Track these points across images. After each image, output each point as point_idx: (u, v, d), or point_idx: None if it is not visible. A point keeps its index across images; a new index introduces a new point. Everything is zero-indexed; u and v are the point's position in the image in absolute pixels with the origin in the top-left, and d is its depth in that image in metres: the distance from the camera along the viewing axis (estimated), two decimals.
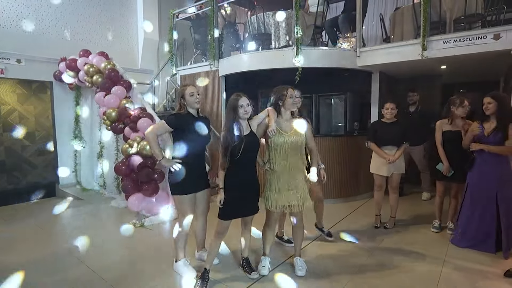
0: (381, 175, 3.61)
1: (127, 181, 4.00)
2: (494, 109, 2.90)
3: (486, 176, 2.98)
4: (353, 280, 2.55)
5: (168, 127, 2.49)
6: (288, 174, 2.47)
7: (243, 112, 2.34)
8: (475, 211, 3.07)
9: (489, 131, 2.93)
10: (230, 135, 2.30)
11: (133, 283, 2.54)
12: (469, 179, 3.13)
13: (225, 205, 2.37)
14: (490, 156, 2.94)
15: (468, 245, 3.10)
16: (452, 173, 3.33)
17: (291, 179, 2.48)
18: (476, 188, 3.05)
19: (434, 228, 3.60)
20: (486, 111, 2.95)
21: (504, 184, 2.92)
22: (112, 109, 4.37)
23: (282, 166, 2.47)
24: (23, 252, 3.14)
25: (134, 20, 6.70)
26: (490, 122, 2.96)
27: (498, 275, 2.59)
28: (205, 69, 5.62)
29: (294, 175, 2.49)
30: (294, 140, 2.45)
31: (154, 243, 3.39)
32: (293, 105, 2.64)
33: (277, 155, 2.47)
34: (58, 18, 5.57)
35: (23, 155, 5.38)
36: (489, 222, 2.99)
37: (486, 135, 2.95)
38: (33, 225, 4.05)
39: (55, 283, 2.57)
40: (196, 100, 2.53)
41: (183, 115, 2.53)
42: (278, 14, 4.88)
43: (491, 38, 3.60)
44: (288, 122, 2.51)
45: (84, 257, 3.03)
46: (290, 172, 2.47)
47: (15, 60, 5.10)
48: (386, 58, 4.43)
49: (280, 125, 2.48)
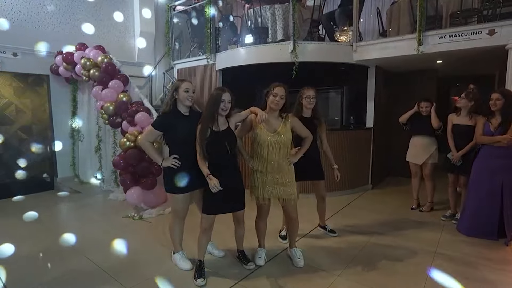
0: (415, 163, 4.06)
1: (125, 174, 4.03)
2: (501, 106, 3.03)
3: (493, 168, 3.12)
4: (346, 271, 2.62)
5: (157, 131, 2.45)
6: (273, 171, 2.49)
7: (222, 107, 2.33)
8: (481, 201, 3.21)
9: (495, 126, 3.09)
10: (205, 128, 2.31)
11: (133, 274, 2.60)
12: (475, 169, 3.27)
13: (207, 200, 2.40)
14: (496, 148, 3.08)
15: (473, 233, 3.24)
16: (461, 162, 3.53)
17: (277, 175, 2.50)
18: (482, 179, 3.19)
19: (444, 217, 3.79)
20: (492, 107, 3.08)
21: (509, 173, 3.05)
22: (109, 103, 4.38)
23: (267, 163, 2.48)
24: (23, 245, 3.18)
25: (130, 12, 6.65)
26: (496, 117, 3.11)
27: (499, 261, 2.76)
28: (202, 62, 5.62)
29: (280, 172, 2.50)
30: (280, 139, 2.44)
31: (152, 235, 3.45)
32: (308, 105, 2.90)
33: (263, 151, 2.47)
34: (54, 11, 5.52)
35: (21, 148, 5.39)
36: (494, 211, 3.14)
37: (493, 131, 3.10)
38: (32, 218, 4.08)
39: (56, 275, 2.63)
40: (188, 97, 2.44)
41: (170, 115, 2.47)
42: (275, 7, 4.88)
43: (486, 34, 3.64)
44: (275, 120, 2.50)
45: (84, 249, 3.08)
46: (275, 169, 2.49)
47: (11, 54, 5.07)
48: (382, 52, 4.45)
49: (266, 122, 2.45)
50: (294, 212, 2.66)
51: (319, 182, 3.16)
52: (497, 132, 3.08)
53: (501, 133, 3.05)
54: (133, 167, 4.03)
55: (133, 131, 4.10)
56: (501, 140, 3.03)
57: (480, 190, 3.22)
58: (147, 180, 4.02)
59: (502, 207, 3.12)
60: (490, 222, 3.17)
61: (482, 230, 3.21)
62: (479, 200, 3.24)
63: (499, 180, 3.11)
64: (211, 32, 5.31)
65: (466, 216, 3.36)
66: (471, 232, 3.28)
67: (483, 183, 3.20)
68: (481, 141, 3.23)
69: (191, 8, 5.94)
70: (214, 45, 5.35)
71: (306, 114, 3.01)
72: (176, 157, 2.45)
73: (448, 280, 2.45)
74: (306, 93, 2.96)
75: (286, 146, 2.50)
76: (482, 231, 3.21)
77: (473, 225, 3.28)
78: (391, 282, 2.44)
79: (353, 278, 2.50)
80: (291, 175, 2.57)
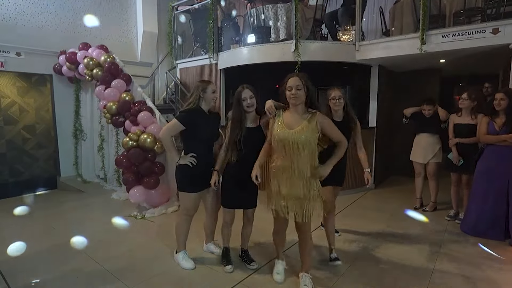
0: (419, 162, 4.03)
1: (128, 174, 4.04)
2: (505, 105, 3.03)
3: (498, 167, 3.11)
4: (349, 270, 2.62)
5: (181, 125, 2.45)
6: (288, 176, 2.13)
7: (246, 104, 2.39)
8: (486, 201, 3.19)
9: (500, 125, 3.08)
10: (235, 126, 2.38)
11: (136, 273, 2.61)
12: (479, 169, 3.26)
13: (224, 192, 2.53)
14: (501, 148, 3.07)
15: (477, 234, 3.23)
16: (462, 162, 3.53)
17: (292, 182, 2.12)
18: (488, 179, 3.18)
19: (449, 217, 3.78)
20: (497, 107, 3.08)
21: None
22: (112, 102, 4.40)
23: (281, 164, 2.15)
24: (27, 243, 3.19)
25: (133, 12, 6.66)
26: (500, 117, 3.10)
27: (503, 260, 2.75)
28: (204, 62, 5.63)
29: (297, 178, 2.11)
30: (297, 137, 2.05)
31: (155, 234, 3.46)
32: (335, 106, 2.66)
33: (278, 150, 2.16)
34: (57, 11, 5.55)
35: (24, 148, 5.42)
36: (500, 212, 3.12)
37: (497, 130, 3.09)
38: (36, 217, 4.12)
39: (59, 273, 2.64)
40: (214, 97, 2.54)
41: (194, 111, 2.48)
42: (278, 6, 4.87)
43: (490, 33, 3.61)
44: (299, 117, 2.13)
45: (86, 248, 3.10)
46: (291, 174, 2.11)
47: (15, 53, 5.10)
48: (385, 52, 4.44)
49: (287, 118, 2.16)
50: (307, 230, 2.27)
51: (336, 188, 2.81)
52: (502, 131, 3.06)
53: (506, 132, 3.04)
54: (136, 166, 4.04)
55: (136, 131, 4.11)
56: (507, 139, 3.02)
57: (485, 190, 3.20)
58: (150, 179, 4.03)
59: (508, 208, 3.10)
60: (496, 223, 3.15)
61: (487, 230, 3.20)
62: (484, 200, 3.22)
63: (505, 180, 3.09)
64: (213, 31, 5.31)
65: (471, 216, 3.35)
66: (476, 232, 3.26)
67: (488, 183, 3.18)
68: (486, 140, 3.21)
69: (194, 7, 5.94)
70: (216, 45, 5.35)
71: (337, 117, 2.71)
72: (193, 155, 2.47)
73: (451, 280, 2.44)
74: (331, 94, 2.72)
75: (309, 149, 2.09)
76: (487, 231, 3.19)
77: (477, 225, 3.26)
78: (394, 282, 2.43)
79: (356, 278, 2.49)
80: (314, 187, 2.15)
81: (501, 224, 3.13)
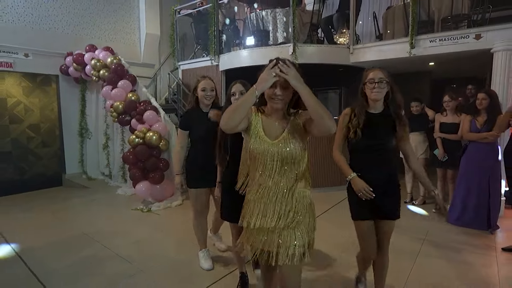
0: None
1: (135, 169, 4.27)
2: (486, 104, 3.28)
3: (480, 162, 3.37)
4: (343, 257, 2.86)
5: (183, 131, 2.52)
6: (270, 202, 1.50)
7: (234, 100, 2.09)
8: (470, 194, 3.46)
9: (481, 123, 3.34)
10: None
11: (145, 259, 2.84)
12: (463, 165, 3.52)
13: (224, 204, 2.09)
14: (483, 144, 3.33)
15: (462, 223, 3.50)
16: (446, 158, 3.82)
17: (276, 209, 1.50)
18: (471, 173, 3.44)
19: (435, 209, 3.97)
20: (479, 106, 3.34)
21: (496, 167, 3.32)
22: (119, 102, 4.62)
23: (261, 186, 1.52)
24: (40, 235, 3.40)
25: (136, 15, 6.89)
26: (482, 115, 3.35)
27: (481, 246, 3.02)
28: (206, 63, 5.86)
29: (283, 204, 1.50)
30: (281, 150, 1.47)
31: (161, 225, 3.69)
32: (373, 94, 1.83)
33: (257, 167, 1.52)
34: (63, 13, 5.76)
35: (29, 146, 5.58)
36: (482, 202, 3.38)
37: (479, 127, 3.35)
38: (44, 211, 4.31)
39: (75, 258, 2.87)
40: (206, 96, 2.42)
41: (189, 112, 2.52)
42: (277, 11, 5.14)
43: (473, 38, 3.90)
44: (280, 120, 1.54)
45: (98, 237, 3.32)
46: (274, 199, 1.50)
47: (23, 54, 5.30)
48: (377, 55, 4.71)
49: (266, 124, 1.54)
50: (295, 281, 1.58)
51: (389, 223, 1.94)
52: (483, 129, 3.32)
53: (487, 130, 3.29)
54: (142, 162, 4.27)
55: (142, 128, 4.34)
56: (487, 136, 3.28)
57: (469, 183, 3.46)
58: (155, 175, 4.26)
59: (489, 199, 3.36)
60: (478, 213, 3.41)
61: (470, 220, 3.45)
62: (468, 193, 3.47)
63: (487, 174, 3.35)
64: (215, 34, 5.55)
65: (455, 207, 3.60)
66: (460, 222, 3.52)
67: (472, 176, 3.44)
68: (469, 137, 3.47)
69: (196, 11, 6.18)
70: (218, 47, 5.59)
71: (375, 108, 1.91)
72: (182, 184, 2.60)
73: (434, 262, 2.71)
74: (368, 75, 1.88)
75: (295, 163, 1.50)
76: (471, 222, 3.45)
77: (461, 216, 3.52)
78: None
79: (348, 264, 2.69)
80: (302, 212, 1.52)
81: (483, 215, 3.39)
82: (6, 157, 5.31)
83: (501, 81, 3.74)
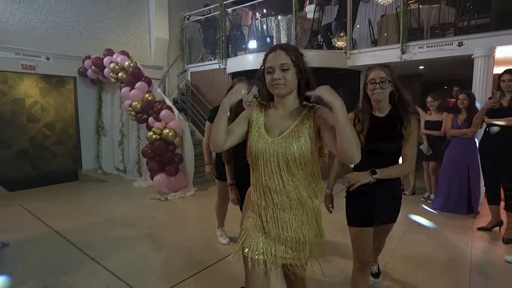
0: None
1: (153, 163, 4.71)
2: (467, 104, 3.74)
3: (461, 155, 3.84)
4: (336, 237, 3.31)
5: (210, 123, 2.78)
6: (276, 209, 1.36)
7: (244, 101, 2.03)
8: (452, 182, 3.92)
9: (462, 121, 3.80)
10: None
11: (167, 239, 3.28)
12: (446, 157, 3.98)
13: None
14: (464, 139, 3.81)
15: (446, 209, 3.96)
16: (430, 152, 4.27)
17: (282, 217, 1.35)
18: (453, 165, 3.89)
19: (423, 198, 4.51)
20: (460, 105, 3.81)
21: (474, 158, 3.77)
22: (137, 101, 5.06)
23: (264, 191, 1.36)
24: (73, 220, 3.82)
25: (146, 20, 7.33)
26: (462, 114, 3.80)
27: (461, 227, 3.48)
28: (213, 67, 6.32)
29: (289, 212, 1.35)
30: (286, 148, 1.29)
31: (178, 212, 4.14)
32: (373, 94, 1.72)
33: (257, 168, 1.37)
34: (80, 20, 6.20)
35: (45, 144, 5.92)
36: (463, 190, 3.85)
37: (460, 124, 3.82)
38: (70, 201, 4.70)
39: (107, 237, 3.31)
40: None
41: (217, 108, 2.76)
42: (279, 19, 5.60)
43: (456, 45, 4.37)
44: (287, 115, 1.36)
45: (124, 220, 3.76)
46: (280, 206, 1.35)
47: (44, 58, 5.72)
48: (372, 59, 5.17)
49: (269, 119, 1.39)
50: None
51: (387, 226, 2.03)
52: (464, 126, 3.79)
53: (467, 127, 3.75)
54: (159, 156, 4.71)
55: (159, 126, 4.78)
56: (467, 133, 3.75)
57: (452, 174, 3.92)
58: (171, 168, 4.70)
59: (469, 187, 3.83)
60: (460, 200, 3.88)
61: (453, 206, 3.92)
62: (451, 181, 3.94)
63: (466, 165, 3.82)
64: (222, 39, 6.01)
65: (440, 195, 4.07)
66: (444, 208, 3.99)
67: (453, 168, 3.90)
68: (451, 133, 3.93)
69: (204, 18, 6.64)
70: (225, 51, 6.04)
71: (380, 110, 1.81)
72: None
73: (419, 238, 3.17)
74: (368, 75, 1.79)
75: (302, 164, 1.31)
76: (453, 208, 3.92)
77: (446, 203, 3.99)
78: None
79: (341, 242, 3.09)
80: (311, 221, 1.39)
81: (464, 201, 3.86)
82: (24, 154, 5.65)
83: (480, 84, 4.22)
